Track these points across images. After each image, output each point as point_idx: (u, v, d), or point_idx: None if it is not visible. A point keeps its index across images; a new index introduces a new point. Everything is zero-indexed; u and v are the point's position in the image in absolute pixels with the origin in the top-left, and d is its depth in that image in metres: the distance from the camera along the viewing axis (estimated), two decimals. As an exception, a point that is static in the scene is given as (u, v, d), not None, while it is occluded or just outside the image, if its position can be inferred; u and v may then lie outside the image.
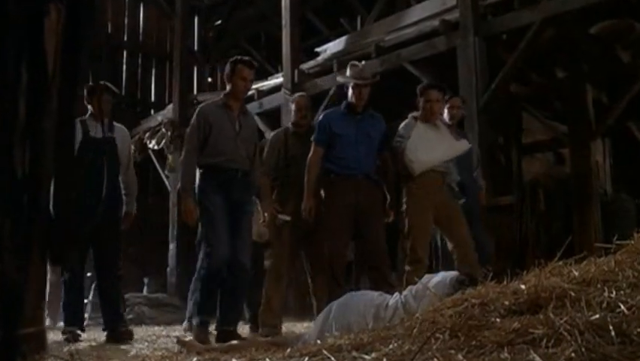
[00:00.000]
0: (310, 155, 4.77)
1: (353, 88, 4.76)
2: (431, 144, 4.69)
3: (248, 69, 4.52)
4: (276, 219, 4.98)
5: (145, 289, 10.07)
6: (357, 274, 7.55)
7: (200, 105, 4.75)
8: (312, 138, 4.83)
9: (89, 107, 4.93)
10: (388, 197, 4.87)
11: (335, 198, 4.69)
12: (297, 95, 5.61)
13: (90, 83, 4.94)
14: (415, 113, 4.87)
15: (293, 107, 5.31)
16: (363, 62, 5.12)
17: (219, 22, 12.04)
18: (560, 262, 2.16)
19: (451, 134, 4.94)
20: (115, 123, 5.11)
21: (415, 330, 1.86)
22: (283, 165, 5.11)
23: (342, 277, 4.70)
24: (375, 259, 4.71)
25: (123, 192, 5.07)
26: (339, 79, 5.13)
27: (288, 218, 4.94)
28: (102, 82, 5.39)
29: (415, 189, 4.68)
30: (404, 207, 4.71)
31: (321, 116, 4.93)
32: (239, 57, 4.62)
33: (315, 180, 4.74)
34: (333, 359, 1.74)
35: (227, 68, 4.56)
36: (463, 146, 4.88)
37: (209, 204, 4.40)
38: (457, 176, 4.97)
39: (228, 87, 4.56)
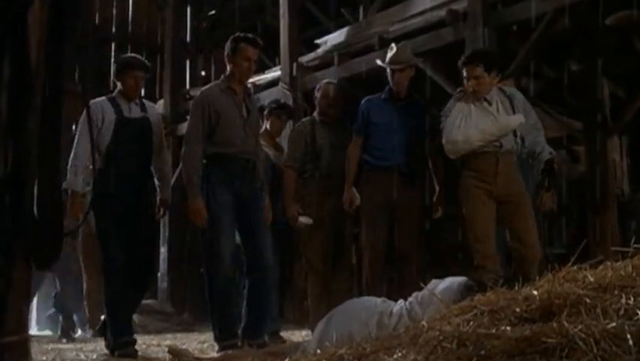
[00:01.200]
0: (350, 145, 4.73)
1: (390, 74, 4.70)
2: (469, 122, 4.28)
3: (252, 48, 4.27)
4: (298, 221, 4.88)
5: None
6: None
7: (202, 90, 4.54)
8: (353, 127, 4.80)
9: (119, 84, 4.57)
10: (437, 189, 4.75)
11: (369, 194, 4.63)
12: (323, 81, 5.47)
13: (123, 56, 4.74)
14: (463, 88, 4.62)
15: (318, 94, 5.19)
16: (401, 43, 5.00)
17: (213, 12, 11.99)
18: (575, 267, 2.16)
19: (510, 109, 4.41)
20: (145, 101, 4.70)
21: (420, 339, 1.86)
22: (310, 158, 5.01)
23: (379, 280, 4.63)
24: (397, 264, 4.68)
25: (156, 178, 4.70)
26: (379, 62, 4.95)
27: (310, 221, 4.86)
28: (132, 55, 5.21)
29: (466, 175, 4.32)
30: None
31: (362, 102, 4.85)
32: (241, 34, 4.36)
33: (354, 171, 4.67)
34: (333, 369, 1.74)
35: (228, 46, 4.30)
36: (513, 121, 4.32)
37: (215, 204, 4.16)
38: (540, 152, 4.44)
39: (229, 68, 4.31)
